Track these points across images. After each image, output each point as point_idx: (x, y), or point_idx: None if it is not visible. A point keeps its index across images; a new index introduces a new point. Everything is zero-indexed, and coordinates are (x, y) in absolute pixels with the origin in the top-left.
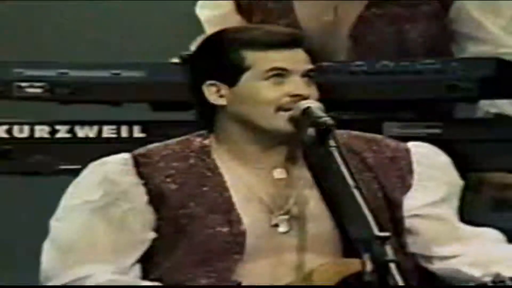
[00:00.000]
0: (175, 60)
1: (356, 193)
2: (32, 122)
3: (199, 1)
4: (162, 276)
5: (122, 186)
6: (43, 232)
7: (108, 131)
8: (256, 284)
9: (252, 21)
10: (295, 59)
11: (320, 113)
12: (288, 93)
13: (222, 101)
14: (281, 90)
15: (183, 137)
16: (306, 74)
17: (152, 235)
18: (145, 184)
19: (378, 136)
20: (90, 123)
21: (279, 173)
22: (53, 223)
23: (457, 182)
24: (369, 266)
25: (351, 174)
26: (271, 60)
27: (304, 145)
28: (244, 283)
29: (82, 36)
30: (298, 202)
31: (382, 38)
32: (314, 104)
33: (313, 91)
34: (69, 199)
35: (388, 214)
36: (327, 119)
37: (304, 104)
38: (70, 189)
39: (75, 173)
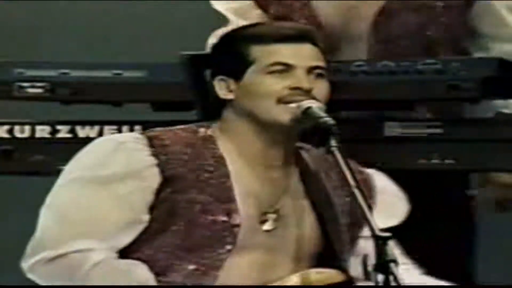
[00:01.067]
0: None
1: (357, 192)
2: (33, 122)
3: None
4: (143, 258)
5: (137, 165)
6: None
7: (109, 131)
8: (237, 279)
9: (270, 13)
10: (300, 54)
11: (321, 113)
12: (289, 86)
13: (230, 96)
14: (282, 83)
15: (186, 126)
16: (312, 70)
17: (148, 217)
18: (159, 165)
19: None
20: (91, 123)
21: (275, 172)
22: (55, 188)
23: (405, 213)
24: (344, 277)
25: (352, 174)
26: (274, 54)
27: (296, 148)
28: (221, 277)
29: (82, 36)
30: (287, 203)
31: (403, 29)
32: (315, 104)
33: (319, 88)
34: (77, 169)
35: (349, 233)
36: (328, 119)
37: (305, 104)
38: (81, 157)
39: None
